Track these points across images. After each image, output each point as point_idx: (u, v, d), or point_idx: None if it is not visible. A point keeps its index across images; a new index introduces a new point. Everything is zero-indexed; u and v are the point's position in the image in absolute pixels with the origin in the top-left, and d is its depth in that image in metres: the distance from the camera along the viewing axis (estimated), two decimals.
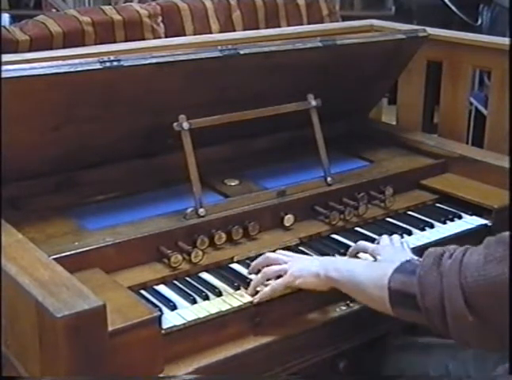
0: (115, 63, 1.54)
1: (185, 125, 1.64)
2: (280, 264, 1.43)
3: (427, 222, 1.77)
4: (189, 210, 1.61)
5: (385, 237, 1.60)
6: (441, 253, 1.17)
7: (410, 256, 1.53)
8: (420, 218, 1.79)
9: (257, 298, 1.39)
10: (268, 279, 1.42)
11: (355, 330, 1.47)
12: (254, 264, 1.48)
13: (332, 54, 1.89)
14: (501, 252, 1.08)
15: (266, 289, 1.39)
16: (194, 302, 1.39)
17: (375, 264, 1.33)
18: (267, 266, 1.44)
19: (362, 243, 1.59)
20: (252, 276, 1.46)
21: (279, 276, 1.41)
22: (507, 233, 1.10)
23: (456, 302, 1.09)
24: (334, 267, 1.34)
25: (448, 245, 1.21)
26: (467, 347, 1.26)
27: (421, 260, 1.21)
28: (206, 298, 1.40)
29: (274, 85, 1.83)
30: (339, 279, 1.32)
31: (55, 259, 1.34)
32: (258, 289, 1.41)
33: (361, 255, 1.59)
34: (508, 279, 1.05)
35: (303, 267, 1.38)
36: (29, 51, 1.92)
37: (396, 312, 1.22)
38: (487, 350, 1.24)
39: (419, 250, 1.58)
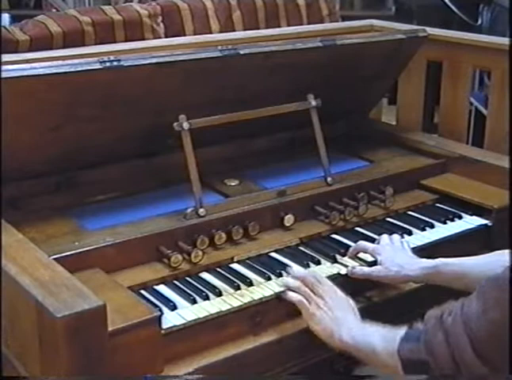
0: (115, 63, 1.54)
1: (185, 125, 1.64)
2: (312, 289, 1.42)
3: (427, 222, 1.77)
4: (189, 210, 1.61)
5: (385, 236, 1.60)
6: (440, 314, 1.17)
7: (409, 255, 1.53)
8: (420, 218, 1.79)
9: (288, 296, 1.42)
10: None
11: None
12: (297, 271, 1.49)
13: (332, 54, 1.89)
14: (496, 295, 1.08)
15: (296, 296, 1.41)
16: (194, 302, 1.39)
17: (386, 333, 1.30)
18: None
19: (362, 243, 1.59)
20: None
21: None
22: (498, 274, 1.10)
23: (466, 355, 1.10)
24: (350, 335, 1.33)
25: (444, 304, 1.21)
26: None
27: (421, 326, 1.21)
28: (206, 298, 1.40)
29: (274, 85, 1.83)
30: (352, 346, 1.32)
31: (55, 259, 1.34)
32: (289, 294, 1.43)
33: (361, 255, 1.59)
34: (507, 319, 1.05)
35: (324, 322, 1.37)
36: (29, 51, 1.92)
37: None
38: None
39: (419, 250, 1.60)
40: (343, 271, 1.54)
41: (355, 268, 1.54)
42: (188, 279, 1.49)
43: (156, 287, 1.45)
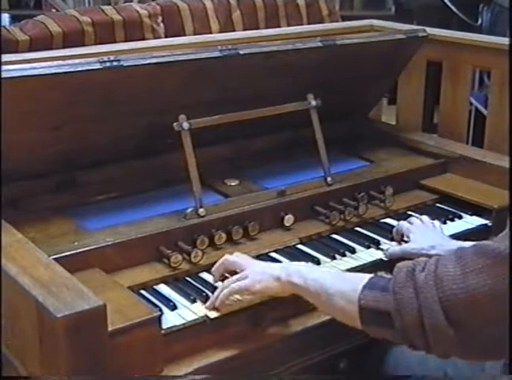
0: (115, 63, 1.54)
1: (185, 125, 1.64)
2: (237, 268, 1.38)
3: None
4: (189, 210, 1.61)
5: (414, 218, 1.65)
6: (412, 267, 1.13)
7: (441, 235, 1.56)
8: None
9: (217, 303, 1.34)
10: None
11: (355, 330, 1.46)
12: (213, 270, 1.44)
13: (332, 54, 1.89)
14: (481, 263, 1.05)
15: (224, 291, 1.34)
16: (194, 301, 1.39)
17: (343, 276, 1.27)
18: (226, 277, 1.40)
19: (400, 223, 1.64)
20: (218, 283, 1.42)
21: None
22: (487, 243, 1.07)
23: (436, 317, 1.06)
24: (298, 272, 1.28)
25: (417, 258, 1.17)
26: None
27: (390, 276, 1.16)
28: (206, 298, 1.40)
29: (274, 85, 1.83)
30: (302, 286, 1.27)
31: (55, 259, 1.34)
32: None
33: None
34: (490, 290, 1.03)
35: (264, 271, 1.33)
36: (29, 51, 1.91)
37: (368, 329, 1.18)
38: (469, 361, 1.21)
39: None
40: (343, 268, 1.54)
41: (388, 250, 1.58)
42: (188, 279, 1.49)
43: (156, 287, 1.45)
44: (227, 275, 1.43)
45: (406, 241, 1.61)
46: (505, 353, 1.07)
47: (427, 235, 1.56)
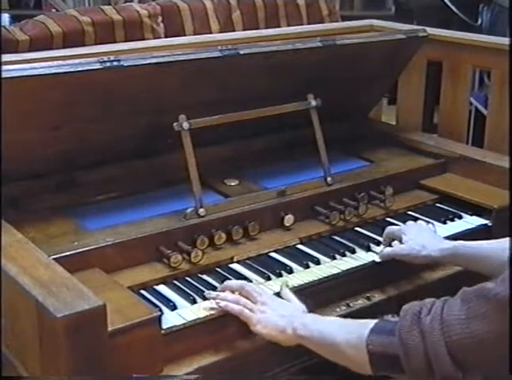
0: (115, 63, 1.54)
1: (185, 125, 1.64)
2: (251, 299, 1.36)
3: (427, 222, 1.76)
4: (189, 210, 1.61)
5: (410, 222, 1.63)
6: (418, 311, 1.14)
7: (433, 235, 1.55)
8: (420, 218, 1.79)
9: (222, 304, 1.34)
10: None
11: None
12: (227, 283, 1.43)
13: (332, 54, 1.89)
14: (484, 308, 1.06)
15: (236, 306, 1.34)
16: (194, 302, 1.39)
17: (349, 324, 1.26)
18: (239, 293, 1.38)
19: (389, 227, 1.62)
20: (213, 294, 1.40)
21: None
22: (487, 287, 1.08)
23: (443, 362, 1.07)
24: (303, 325, 1.28)
25: (424, 300, 1.17)
26: None
27: (397, 318, 1.17)
28: (206, 298, 1.40)
29: (274, 85, 1.83)
30: (308, 338, 1.26)
31: (55, 259, 1.34)
32: (222, 303, 1.36)
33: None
34: (495, 335, 1.04)
35: (271, 321, 1.32)
36: (29, 51, 1.92)
37: (379, 374, 1.18)
38: None
39: None
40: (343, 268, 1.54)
41: (381, 252, 1.57)
42: (188, 279, 1.49)
43: (156, 287, 1.45)
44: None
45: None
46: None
47: (418, 235, 1.54)
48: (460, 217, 1.82)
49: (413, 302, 1.18)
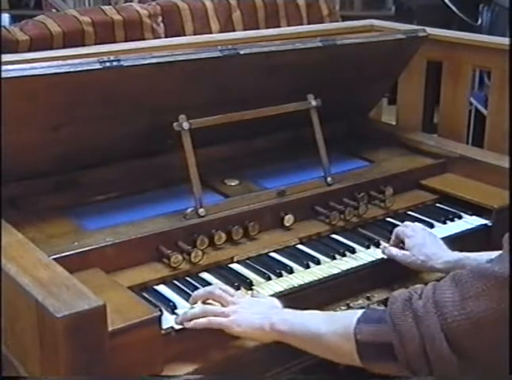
0: (115, 63, 1.54)
1: (185, 125, 1.64)
2: (222, 302, 1.33)
3: (427, 222, 1.77)
4: (189, 210, 1.61)
5: (408, 222, 1.63)
6: (408, 296, 1.11)
7: (438, 244, 1.53)
8: (420, 218, 1.79)
9: (189, 326, 1.29)
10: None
11: None
12: (194, 294, 1.38)
13: (332, 54, 1.89)
14: (480, 287, 1.03)
15: (203, 320, 1.29)
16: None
17: (331, 315, 1.24)
18: (207, 303, 1.35)
19: (397, 229, 1.60)
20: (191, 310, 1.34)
21: None
22: (484, 266, 1.06)
23: (439, 345, 1.05)
24: (282, 320, 1.25)
25: (413, 286, 1.16)
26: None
27: (383, 308, 1.16)
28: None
29: (274, 85, 1.83)
30: (288, 332, 1.23)
31: (55, 259, 1.34)
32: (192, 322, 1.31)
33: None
34: (493, 314, 1.02)
35: (246, 318, 1.28)
36: (29, 51, 1.92)
37: (368, 365, 1.15)
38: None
39: None
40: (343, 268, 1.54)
41: (387, 249, 1.56)
42: (188, 279, 1.49)
43: (156, 287, 1.45)
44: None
45: (402, 247, 1.57)
46: (502, 372, 1.06)
47: (425, 245, 1.52)
48: (460, 217, 1.82)
49: (401, 289, 1.16)
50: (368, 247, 1.64)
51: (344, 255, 1.60)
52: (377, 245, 1.64)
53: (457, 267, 1.42)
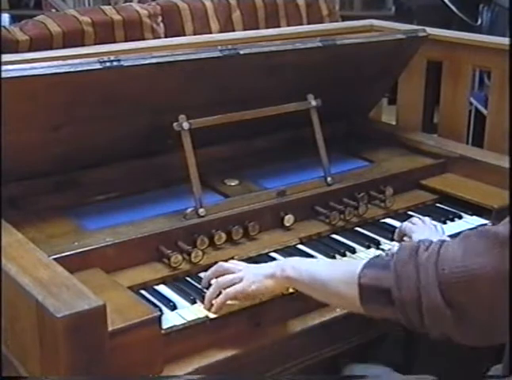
0: (115, 63, 1.54)
1: (185, 125, 1.64)
2: (233, 273, 1.37)
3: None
4: (189, 210, 1.61)
5: (415, 218, 1.64)
6: (416, 246, 1.13)
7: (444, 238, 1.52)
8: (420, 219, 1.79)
9: (213, 310, 1.33)
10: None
11: (355, 330, 1.47)
12: (205, 276, 1.42)
13: (332, 54, 1.89)
14: (482, 245, 1.04)
15: (221, 297, 1.32)
16: (194, 302, 1.39)
17: (338, 262, 1.28)
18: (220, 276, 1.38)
19: (402, 225, 1.62)
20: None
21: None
22: (490, 228, 1.07)
23: (433, 297, 1.06)
24: (291, 265, 1.29)
25: (423, 239, 1.18)
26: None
27: (393, 254, 1.16)
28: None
29: (274, 85, 1.83)
30: (298, 278, 1.27)
31: (55, 259, 1.34)
32: (213, 302, 1.34)
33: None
34: (489, 272, 1.02)
35: (258, 272, 1.33)
36: (29, 51, 1.92)
37: (367, 308, 1.17)
38: (467, 344, 1.20)
39: None
40: None
41: (391, 250, 1.56)
42: (188, 279, 1.49)
43: (156, 287, 1.45)
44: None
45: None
46: (503, 339, 1.06)
47: (432, 236, 1.51)
48: (460, 217, 1.82)
49: (410, 241, 1.17)
50: (368, 247, 1.64)
51: (344, 255, 1.60)
52: (377, 245, 1.65)
53: None
